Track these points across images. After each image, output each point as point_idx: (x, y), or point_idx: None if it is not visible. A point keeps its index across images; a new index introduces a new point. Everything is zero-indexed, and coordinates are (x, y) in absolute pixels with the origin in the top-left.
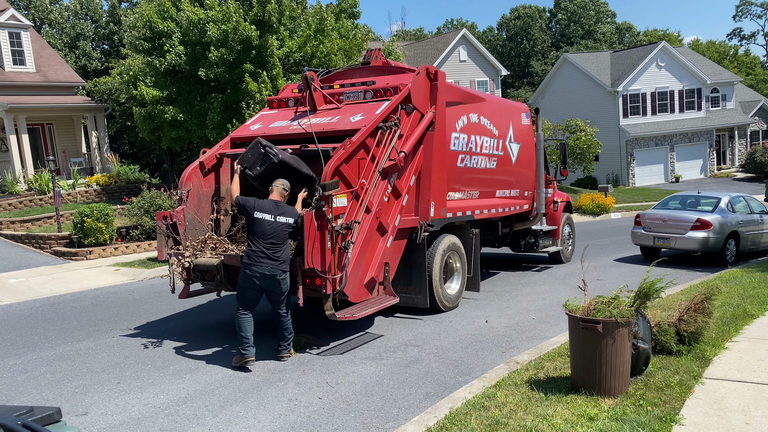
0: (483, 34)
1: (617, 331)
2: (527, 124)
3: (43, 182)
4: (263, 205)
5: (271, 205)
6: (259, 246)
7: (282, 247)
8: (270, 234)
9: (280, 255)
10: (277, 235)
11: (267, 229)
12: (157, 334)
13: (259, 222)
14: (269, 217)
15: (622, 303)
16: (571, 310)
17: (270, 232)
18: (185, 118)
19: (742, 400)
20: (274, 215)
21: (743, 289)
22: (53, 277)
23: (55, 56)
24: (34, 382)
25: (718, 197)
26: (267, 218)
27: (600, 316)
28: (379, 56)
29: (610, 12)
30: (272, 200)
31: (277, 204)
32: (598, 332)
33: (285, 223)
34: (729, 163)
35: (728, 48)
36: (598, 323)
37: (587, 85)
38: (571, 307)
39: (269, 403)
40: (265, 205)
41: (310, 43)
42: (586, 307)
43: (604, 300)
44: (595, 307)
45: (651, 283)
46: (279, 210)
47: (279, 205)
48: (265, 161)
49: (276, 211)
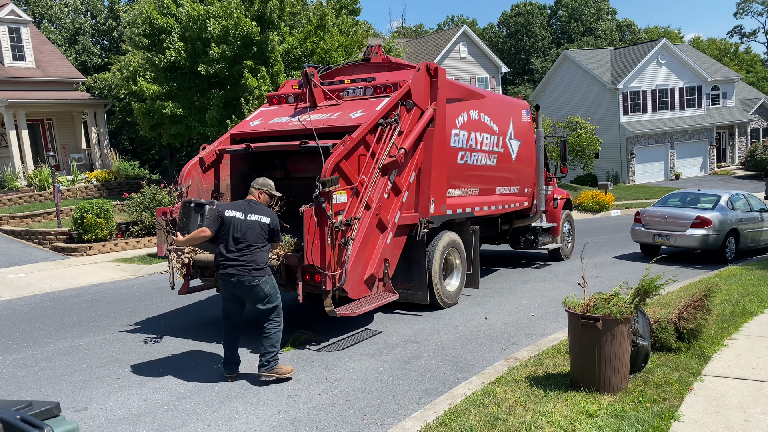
0: (483, 30)
1: (617, 328)
2: (527, 121)
3: (43, 178)
4: (234, 205)
5: (244, 205)
6: (227, 248)
7: (252, 250)
8: (240, 234)
9: (249, 258)
10: (248, 236)
11: (236, 228)
12: (157, 330)
13: (227, 221)
14: (240, 215)
15: (621, 300)
16: (571, 307)
17: (240, 231)
18: (185, 114)
19: (741, 397)
20: (245, 214)
21: (743, 287)
22: (53, 272)
23: (54, 52)
24: (34, 377)
25: (718, 195)
26: (237, 216)
27: (599, 313)
28: (380, 53)
29: (611, 9)
30: (246, 200)
31: (250, 203)
32: (597, 329)
33: (257, 221)
34: (729, 160)
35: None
36: (597, 320)
37: (588, 82)
38: (571, 304)
39: (269, 398)
40: (237, 205)
41: (311, 39)
42: (586, 303)
43: (603, 297)
44: (595, 304)
45: (650, 280)
46: (251, 209)
47: (252, 205)
48: (201, 209)
49: (248, 210)
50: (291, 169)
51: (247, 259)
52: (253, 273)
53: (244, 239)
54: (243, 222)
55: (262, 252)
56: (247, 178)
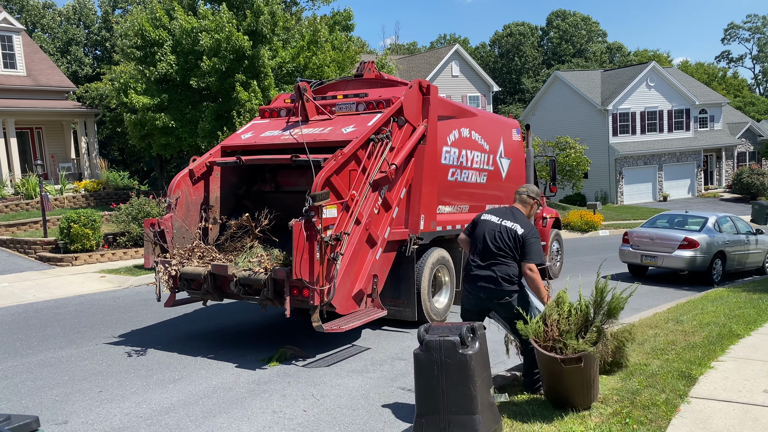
0: (476, 50)
1: (586, 360)
2: (518, 140)
3: (30, 186)
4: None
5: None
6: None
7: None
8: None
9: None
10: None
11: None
12: (142, 343)
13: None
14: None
15: (578, 320)
16: (536, 338)
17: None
18: (176, 125)
19: (728, 420)
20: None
21: (729, 309)
22: (37, 282)
23: (46, 60)
24: (14, 389)
25: (706, 217)
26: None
27: (560, 346)
28: (372, 69)
29: (602, 31)
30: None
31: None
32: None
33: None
34: (716, 183)
35: (717, 70)
36: (560, 361)
37: (577, 102)
38: (534, 332)
39: (253, 414)
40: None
41: (304, 54)
42: (549, 332)
43: (563, 317)
44: (560, 334)
45: (614, 298)
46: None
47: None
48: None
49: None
50: (281, 182)
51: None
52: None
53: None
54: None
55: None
56: (236, 191)
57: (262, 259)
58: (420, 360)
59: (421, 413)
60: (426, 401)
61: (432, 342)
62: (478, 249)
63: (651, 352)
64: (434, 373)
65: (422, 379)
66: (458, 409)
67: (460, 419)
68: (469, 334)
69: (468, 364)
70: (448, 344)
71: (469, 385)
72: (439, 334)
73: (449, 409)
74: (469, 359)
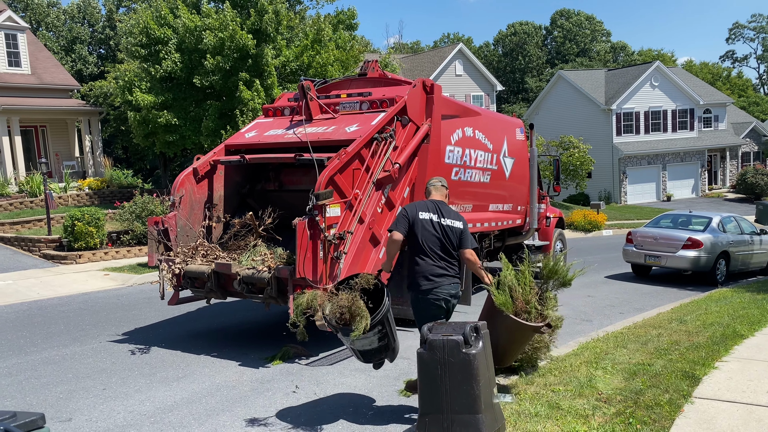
0: (479, 49)
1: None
2: (521, 140)
3: (35, 185)
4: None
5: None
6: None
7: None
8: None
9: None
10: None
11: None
12: (145, 341)
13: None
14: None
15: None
16: (506, 308)
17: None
18: (180, 123)
19: (731, 420)
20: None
21: (733, 309)
22: (41, 280)
23: (51, 59)
24: (18, 386)
25: (710, 217)
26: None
27: (531, 318)
28: (376, 68)
29: (606, 31)
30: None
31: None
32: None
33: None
34: (720, 183)
35: (721, 70)
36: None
37: (581, 102)
38: (504, 303)
39: (256, 413)
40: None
41: (307, 53)
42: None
43: (526, 290)
44: (526, 305)
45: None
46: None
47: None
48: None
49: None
50: (285, 181)
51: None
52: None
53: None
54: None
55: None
56: (240, 190)
57: (266, 257)
58: (423, 359)
59: (424, 412)
60: (429, 400)
61: (435, 341)
62: (428, 248)
63: (654, 352)
64: (437, 373)
65: (425, 378)
66: (461, 408)
67: (464, 418)
68: (472, 333)
69: (471, 364)
70: (452, 343)
71: (473, 384)
72: (442, 334)
73: (452, 409)
74: (472, 358)
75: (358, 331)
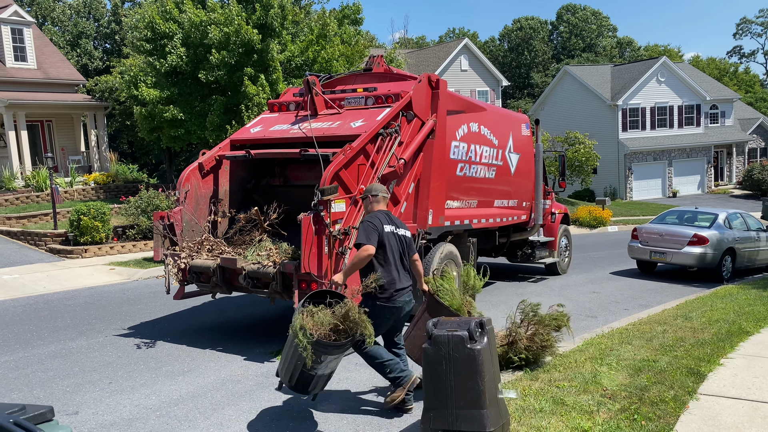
0: (485, 44)
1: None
2: (527, 135)
3: (41, 179)
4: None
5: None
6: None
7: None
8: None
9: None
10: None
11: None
12: (151, 335)
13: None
14: (393, 229)
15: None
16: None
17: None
18: (185, 118)
19: (737, 417)
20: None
21: (739, 306)
22: (48, 274)
23: (56, 53)
24: (26, 379)
25: (716, 213)
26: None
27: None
28: (381, 63)
29: (612, 26)
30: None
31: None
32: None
33: (405, 235)
34: (726, 179)
35: (728, 65)
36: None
37: (587, 97)
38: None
39: (262, 407)
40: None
41: (312, 48)
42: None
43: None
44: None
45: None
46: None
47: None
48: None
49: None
50: (290, 176)
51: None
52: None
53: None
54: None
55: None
56: (245, 185)
57: (271, 252)
58: (428, 354)
59: (428, 407)
60: (434, 395)
61: (440, 337)
62: (396, 260)
63: (659, 348)
64: (442, 368)
65: (430, 373)
66: (466, 403)
67: (468, 414)
68: (477, 329)
69: (476, 359)
70: (457, 339)
71: (477, 379)
72: (447, 329)
73: (457, 404)
74: (477, 354)
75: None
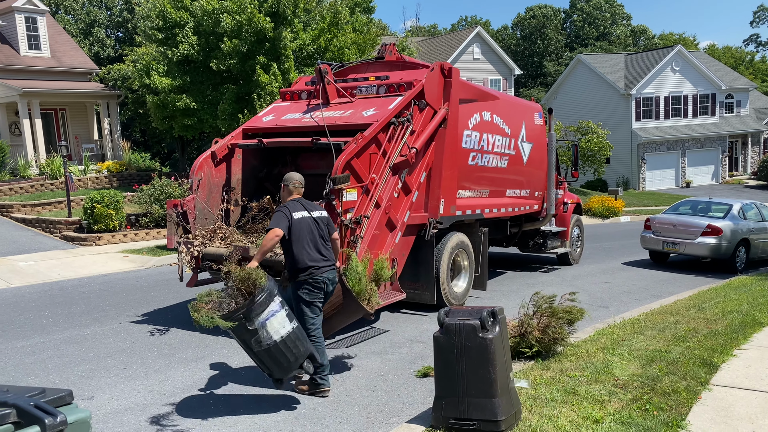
0: (497, 32)
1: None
2: (540, 124)
3: (55, 167)
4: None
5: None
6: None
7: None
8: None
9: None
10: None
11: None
12: (164, 322)
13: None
14: (306, 215)
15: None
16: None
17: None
18: (198, 107)
19: (750, 408)
20: (310, 212)
21: (753, 297)
22: (62, 261)
23: (69, 42)
24: (42, 364)
25: (730, 204)
26: (305, 216)
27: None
28: (393, 51)
29: (626, 14)
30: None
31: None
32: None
33: (321, 217)
34: (741, 170)
35: (744, 54)
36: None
37: (600, 86)
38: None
39: (273, 393)
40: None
41: (324, 37)
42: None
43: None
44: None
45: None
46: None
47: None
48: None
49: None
50: (302, 165)
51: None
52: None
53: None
54: (312, 220)
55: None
56: (257, 173)
57: None
58: (440, 343)
59: (440, 395)
60: (445, 384)
61: (452, 325)
62: (310, 242)
63: (672, 339)
64: (454, 357)
65: (442, 362)
66: (477, 392)
67: (480, 402)
68: (489, 318)
69: (488, 348)
70: (469, 328)
71: (489, 368)
72: (459, 318)
73: (468, 392)
74: (489, 343)
75: (263, 280)
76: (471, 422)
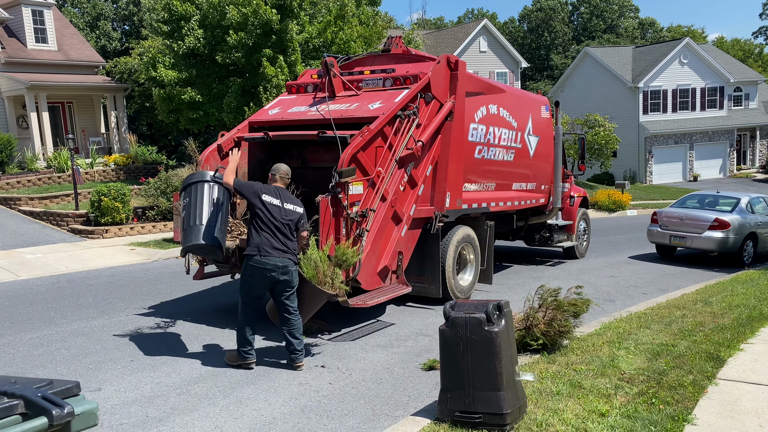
0: (504, 25)
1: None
2: (546, 118)
3: (62, 160)
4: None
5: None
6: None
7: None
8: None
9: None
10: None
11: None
12: (171, 314)
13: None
14: (277, 202)
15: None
16: (312, 279)
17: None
18: (204, 100)
19: (756, 402)
20: (282, 202)
21: (760, 291)
22: (70, 254)
23: (76, 35)
24: (50, 356)
25: (738, 197)
26: (275, 203)
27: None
28: (400, 44)
29: (634, 6)
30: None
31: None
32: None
33: (293, 211)
34: (749, 163)
35: (753, 46)
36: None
37: (608, 79)
38: (313, 276)
39: (280, 386)
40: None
41: (330, 29)
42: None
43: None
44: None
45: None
46: (285, 197)
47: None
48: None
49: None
50: (308, 158)
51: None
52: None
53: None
54: (281, 210)
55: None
56: (264, 166)
57: None
58: (446, 336)
59: (445, 388)
60: (451, 377)
61: (458, 319)
62: (272, 228)
63: (678, 333)
64: (460, 350)
65: (448, 355)
66: (483, 385)
67: (485, 395)
68: (495, 311)
69: (494, 341)
70: (474, 321)
71: (495, 362)
72: (465, 311)
73: (474, 385)
74: (495, 336)
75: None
76: (476, 415)
